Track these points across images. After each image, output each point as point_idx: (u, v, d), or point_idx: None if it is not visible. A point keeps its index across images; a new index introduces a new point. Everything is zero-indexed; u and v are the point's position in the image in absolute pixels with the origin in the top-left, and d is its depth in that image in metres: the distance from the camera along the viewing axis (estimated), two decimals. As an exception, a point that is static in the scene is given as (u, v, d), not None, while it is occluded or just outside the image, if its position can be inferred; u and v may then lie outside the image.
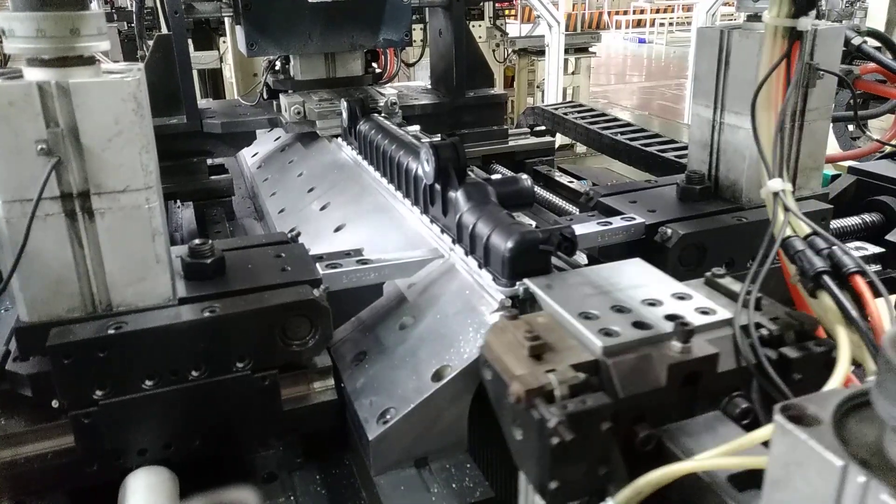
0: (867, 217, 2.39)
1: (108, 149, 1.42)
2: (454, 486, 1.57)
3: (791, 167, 2.08)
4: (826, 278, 1.38)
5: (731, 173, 2.09)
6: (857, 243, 2.30)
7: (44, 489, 1.54)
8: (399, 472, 1.61)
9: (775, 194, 1.53)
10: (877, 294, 1.31)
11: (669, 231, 1.89)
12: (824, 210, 2.05)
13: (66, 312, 1.49)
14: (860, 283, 1.35)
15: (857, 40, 2.38)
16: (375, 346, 1.83)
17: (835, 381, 1.15)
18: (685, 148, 3.29)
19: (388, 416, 1.58)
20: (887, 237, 2.29)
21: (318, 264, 1.78)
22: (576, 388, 1.15)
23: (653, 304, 1.39)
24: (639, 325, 1.30)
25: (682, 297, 1.40)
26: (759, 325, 1.30)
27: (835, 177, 2.60)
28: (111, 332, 1.43)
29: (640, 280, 1.50)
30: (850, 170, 2.53)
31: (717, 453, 1.04)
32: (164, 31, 3.44)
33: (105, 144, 1.42)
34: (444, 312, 1.81)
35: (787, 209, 1.50)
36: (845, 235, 2.34)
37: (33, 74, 1.40)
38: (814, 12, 1.65)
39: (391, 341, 1.82)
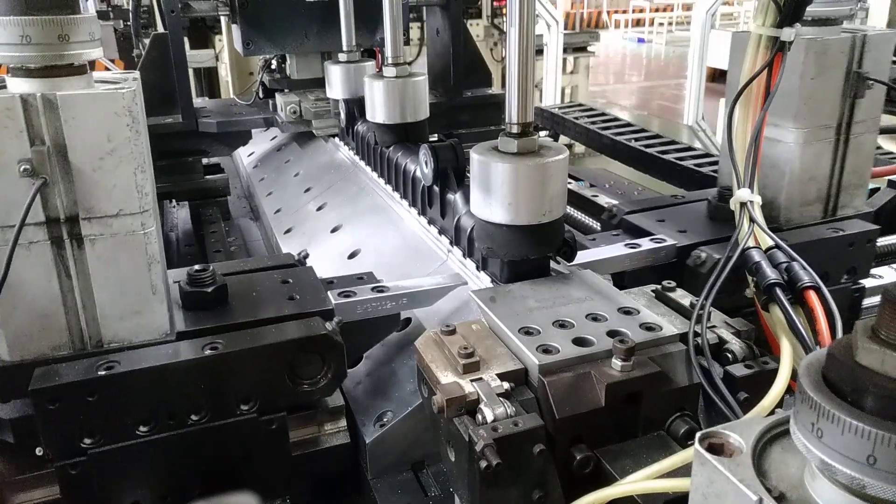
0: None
1: (99, 168, 1.29)
2: (452, 489, 1.55)
3: (834, 184, 1.93)
4: (777, 290, 1.37)
5: (767, 190, 1.85)
6: (900, 264, 2.12)
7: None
8: (396, 475, 1.60)
9: (742, 204, 1.52)
10: (828, 310, 1.30)
11: (704, 255, 1.73)
12: (870, 231, 1.86)
13: (52, 350, 1.35)
14: (813, 298, 1.34)
15: None
16: (373, 349, 1.81)
17: (771, 396, 1.13)
18: (687, 149, 3.28)
19: (385, 419, 1.58)
20: None
21: (329, 292, 1.62)
22: (502, 397, 1.14)
23: (597, 318, 1.36)
24: (579, 341, 1.27)
25: (628, 312, 1.38)
26: (711, 343, 1.28)
27: (874, 190, 2.42)
28: (102, 373, 1.29)
29: (587, 293, 1.47)
30: (890, 183, 2.40)
31: (642, 476, 1.02)
32: (161, 29, 3.43)
33: (96, 164, 1.28)
34: (442, 314, 1.80)
35: (752, 220, 1.49)
36: (890, 255, 2.17)
37: (17, 86, 1.27)
38: (798, 24, 1.61)
39: (389, 343, 1.81)
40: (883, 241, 2.16)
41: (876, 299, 1.98)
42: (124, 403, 1.31)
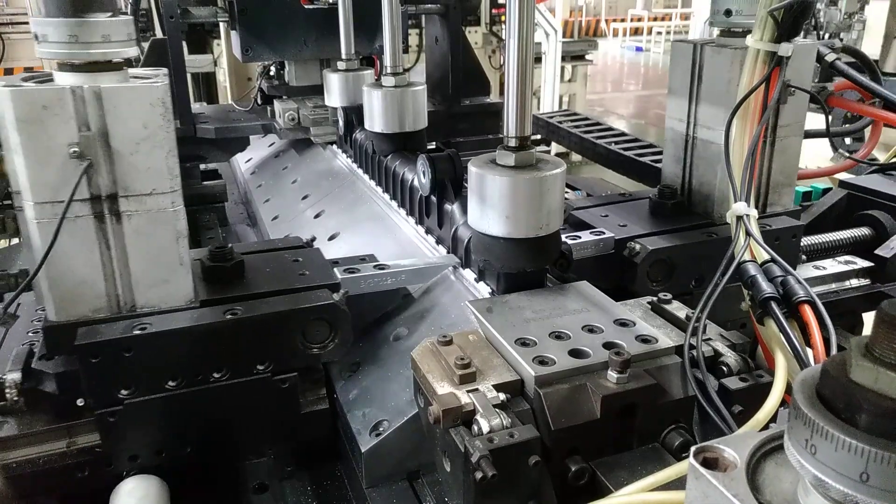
0: (857, 231, 2.36)
1: (136, 152, 1.45)
2: (447, 500, 1.55)
3: (763, 183, 2.04)
4: (772, 304, 1.37)
5: (703, 188, 2.07)
6: (847, 257, 2.28)
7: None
8: (391, 485, 1.60)
9: (739, 217, 1.54)
10: (823, 325, 1.30)
11: (638, 246, 1.85)
12: (794, 227, 2.00)
13: (92, 312, 1.52)
14: (808, 312, 1.35)
15: (830, 57, 2.33)
16: (369, 357, 1.82)
17: (766, 410, 1.13)
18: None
19: (381, 429, 1.58)
20: (876, 252, 2.26)
21: (335, 269, 1.79)
22: (498, 408, 1.15)
23: (593, 330, 1.37)
24: (575, 353, 1.27)
25: (624, 324, 1.39)
26: (706, 356, 1.29)
27: (826, 190, 2.58)
28: (136, 332, 1.45)
29: (584, 305, 1.48)
30: (842, 184, 2.51)
31: (637, 488, 1.03)
32: (159, 34, 3.43)
33: (134, 148, 1.45)
34: (439, 324, 1.80)
35: (748, 234, 1.50)
36: (835, 249, 2.32)
37: (65, 79, 1.43)
38: (797, 39, 1.64)
39: (385, 353, 1.81)
40: (831, 237, 2.31)
41: (822, 287, 2.18)
42: (156, 360, 1.48)
